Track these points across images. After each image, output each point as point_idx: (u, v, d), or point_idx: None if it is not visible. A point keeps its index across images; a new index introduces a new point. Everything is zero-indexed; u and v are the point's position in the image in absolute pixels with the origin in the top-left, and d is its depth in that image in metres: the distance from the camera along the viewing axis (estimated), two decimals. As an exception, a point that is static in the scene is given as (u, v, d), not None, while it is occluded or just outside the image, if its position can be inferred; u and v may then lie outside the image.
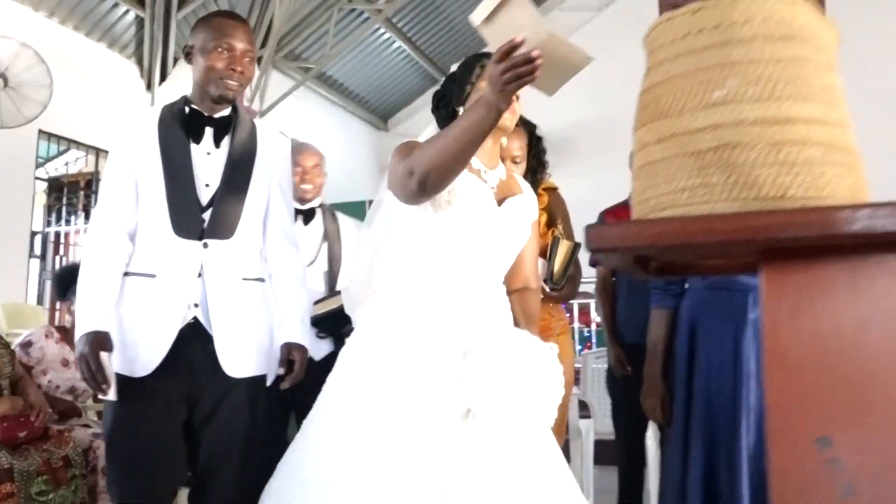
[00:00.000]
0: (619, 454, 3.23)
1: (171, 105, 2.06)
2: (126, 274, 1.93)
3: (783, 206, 0.88)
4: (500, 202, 1.84)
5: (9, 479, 2.40)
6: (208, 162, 1.99)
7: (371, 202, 7.26)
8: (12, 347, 3.10)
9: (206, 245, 1.93)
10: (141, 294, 1.91)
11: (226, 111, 2.03)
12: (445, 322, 1.67)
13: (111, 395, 1.84)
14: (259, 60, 8.26)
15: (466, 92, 1.87)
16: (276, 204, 2.09)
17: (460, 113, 1.85)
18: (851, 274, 0.86)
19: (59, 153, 8.09)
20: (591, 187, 9.50)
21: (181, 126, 1.99)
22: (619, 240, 0.90)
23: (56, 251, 8.61)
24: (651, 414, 2.29)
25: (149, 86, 8.40)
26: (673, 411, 2.11)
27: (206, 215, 1.95)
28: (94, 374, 1.79)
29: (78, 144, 7.82)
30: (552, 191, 2.78)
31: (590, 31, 10.20)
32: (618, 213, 3.51)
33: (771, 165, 0.89)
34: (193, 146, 1.98)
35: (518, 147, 2.43)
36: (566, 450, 3.55)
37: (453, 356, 1.60)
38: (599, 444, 4.10)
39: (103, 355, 1.80)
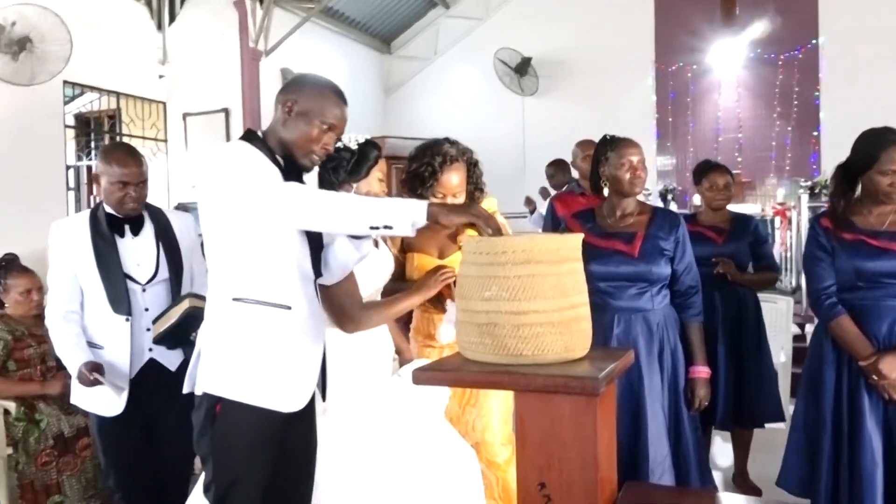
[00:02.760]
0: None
1: None
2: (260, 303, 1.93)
3: (520, 361, 1.60)
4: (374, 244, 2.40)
5: (86, 434, 3.22)
6: None
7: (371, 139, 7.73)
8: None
9: None
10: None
11: None
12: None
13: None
14: (262, 1, 8.66)
15: (363, 171, 2.31)
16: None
17: (351, 189, 2.27)
18: (550, 398, 1.58)
19: (83, 92, 8.69)
20: (582, 109, 9.97)
21: None
22: (436, 380, 1.63)
23: (89, 185, 9.37)
24: None
25: (159, 27, 8.88)
26: None
27: None
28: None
29: (99, 90, 8.43)
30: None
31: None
32: (563, 198, 4.13)
33: (513, 338, 1.60)
34: None
35: (458, 184, 2.61)
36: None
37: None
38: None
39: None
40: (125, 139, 8.93)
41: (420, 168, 2.59)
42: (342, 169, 2.27)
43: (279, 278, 1.91)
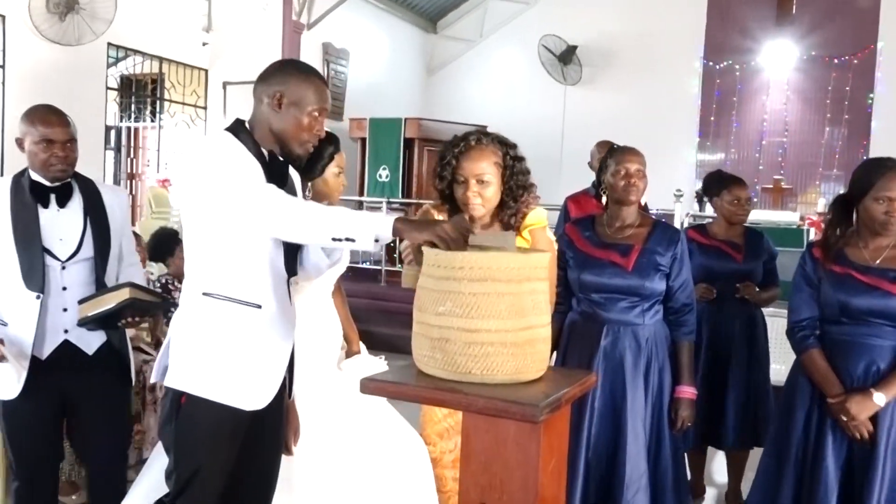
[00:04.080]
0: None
1: None
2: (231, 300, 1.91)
3: (469, 380, 1.57)
4: None
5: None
6: None
7: (407, 120, 7.80)
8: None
9: None
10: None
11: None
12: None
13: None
14: (307, -26, 8.65)
15: (316, 171, 2.35)
16: None
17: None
18: (495, 419, 1.55)
19: (127, 56, 8.82)
20: (624, 103, 9.79)
21: None
22: (381, 391, 1.61)
23: (128, 146, 9.56)
24: None
25: (206, -7, 8.94)
26: None
27: None
28: None
29: (143, 54, 8.54)
30: (538, 230, 2.45)
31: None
32: (578, 199, 4.06)
33: (464, 355, 1.57)
34: None
35: (486, 165, 2.27)
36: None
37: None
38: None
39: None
40: (166, 104, 9.08)
41: (444, 148, 2.42)
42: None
43: (251, 276, 1.91)
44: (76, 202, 2.46)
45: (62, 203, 2.43)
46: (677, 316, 2.61)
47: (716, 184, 3.51)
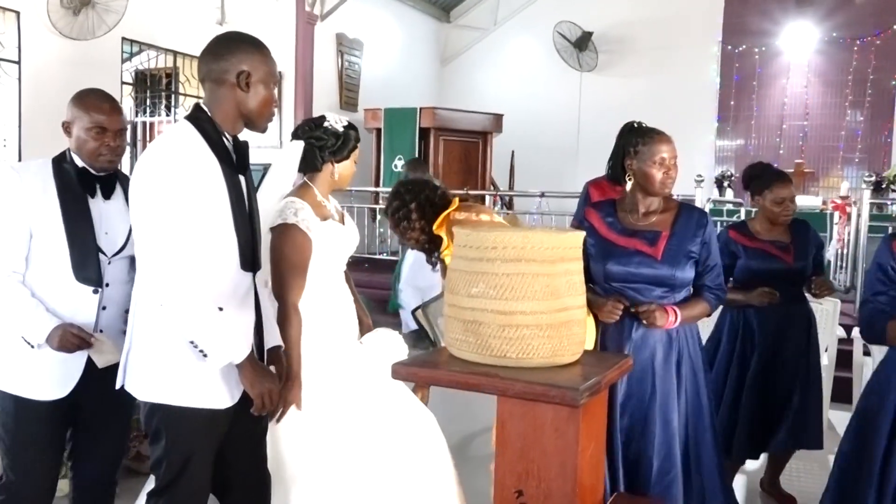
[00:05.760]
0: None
1: None
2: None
3: (504, 363, 1.52)
4: (342, 219, 2.45)
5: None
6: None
7: (422, 110, 7.69)
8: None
9: None
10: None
11: None
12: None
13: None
14: (320, -36, 8.59)
15: (345, 153, 2.38)
16: None
17: (333, 168, 2.36)
18: (531, 404, 1.50)
19: (141, 50, 8.81)
20: (641, 89, 9.66)
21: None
22: (412, 376, 1.57)
23: (144, 140, 9.56)
24: None
25: (219, -13, 8.90)
26: None
27: None
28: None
29: (157, 48, 8.53)
30: (448, 221, 2.48)
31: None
32: (600, 185, 3.95)
33: (498, 338, 1.52)
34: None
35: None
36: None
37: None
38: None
39: None
40: (181, 98, 9.06)
41: None
42: (327, 150, 2.35)
43: (209, 283, 1.85)
44: (119, 196, 2.31)
45: (107, 195, 2.29)
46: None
47: (757, 181, 3.24)
